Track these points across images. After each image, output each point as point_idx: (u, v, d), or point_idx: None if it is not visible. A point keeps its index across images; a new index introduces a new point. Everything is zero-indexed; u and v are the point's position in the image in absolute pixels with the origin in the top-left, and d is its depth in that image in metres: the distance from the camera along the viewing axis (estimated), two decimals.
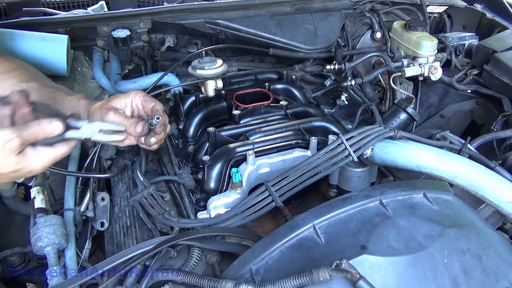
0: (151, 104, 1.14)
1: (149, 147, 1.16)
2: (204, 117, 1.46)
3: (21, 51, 1.45)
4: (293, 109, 1.47)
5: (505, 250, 0.89)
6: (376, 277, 0.74)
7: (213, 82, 1.47)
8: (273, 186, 1.08)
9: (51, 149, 0.92)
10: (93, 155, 1.36)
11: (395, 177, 1.35)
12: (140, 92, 1.16)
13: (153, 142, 1.14)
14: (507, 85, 1.63)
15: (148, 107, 1.14)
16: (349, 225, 0.87)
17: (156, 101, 1.15)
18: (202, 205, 1.21)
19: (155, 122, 1.10)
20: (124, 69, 1.69)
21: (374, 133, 1.14)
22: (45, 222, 1.12)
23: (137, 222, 1.20)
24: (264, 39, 1.74)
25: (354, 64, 1.65)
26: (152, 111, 1.13)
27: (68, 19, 1.71)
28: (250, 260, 0.85)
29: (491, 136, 1.34)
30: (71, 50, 1.63)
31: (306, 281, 0.73)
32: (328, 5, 1.86)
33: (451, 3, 2.08)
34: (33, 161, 0.90)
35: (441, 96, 1.91)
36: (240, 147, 1.25)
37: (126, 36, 1.57)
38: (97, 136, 0.99)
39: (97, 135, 0.99)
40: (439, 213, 0.91)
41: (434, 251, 0.80)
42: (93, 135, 0.98)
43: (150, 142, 1.14)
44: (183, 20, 1.70)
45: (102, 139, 1.02)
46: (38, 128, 0.89)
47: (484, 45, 1.77)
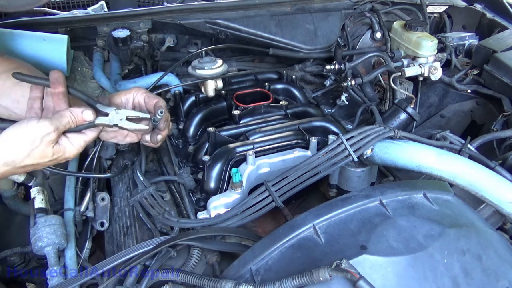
0: (154, 100, 1.13)
1: (156, 144, 1.16)
2: (204, 117, 1.46)
3: (21, 51, 1.45)
4: (293, 109, 1.47)
5: (505, 250, 0.89)
6: (376, 277, 0.74)
7: (213, 82, 1.47)
8: (273, 186, 1.08)
9: (81, 136, 0.99)
10: (93, 155, 1.36)
11: (395, 177, 1.35)
12: (143, 89, 1.16)
13: (159, 139, 1.15)
14: (507, 85, 1.63)
15: (151, 103, 1.13)
16: (349, 225, 0.87)
17: (159, 98, 1.15)
18: (202, 205, 1.21)
19: (159, 117, 1.09)
20: (124, 69, 1.69)
21: (374, 133, 1.14)
22: (45, 222, 1.12)
23: (137, 222, 1.20)
24: (264, 39, 1.74)
25: (354, 64, 1.65)
26: (155, 107, 1.12)
27: (68, 19, 1.70)
28: (250, 260, 0.85)
29: (491, 136, 1.34)
30: (71, 50, 1.63)
31: (306, 281, 0.73)
32: (328, 5, 1.86)
33: (451, 3, 2.08)
34: (68, 149, 0.96)
35: (441, 96, 1.91)
36: (240, 147, 1.25)
37: (126, 36, 1.57)
38: (124, 123, 1.03)
39: (124, 122, 1.03)
40: (439, 213, 0.91)
41: (434, 251, 0.80)
42: (120, 122, 1.02)
43: (156, 139, 1.14)
44: (183, 20, 1.70)
45: (128, 127, 1.04)
46: (72, 118, 0.96)
47: (484, 45, 1.77)
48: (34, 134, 0.90)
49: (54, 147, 0.93)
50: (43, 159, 0.93)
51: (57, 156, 0.95)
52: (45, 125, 0.91)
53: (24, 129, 0.90)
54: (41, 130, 0.90)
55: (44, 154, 0.92)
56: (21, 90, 1.05)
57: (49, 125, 0.91)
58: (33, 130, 0.90)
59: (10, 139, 0.90)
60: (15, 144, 0.90)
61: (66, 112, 0.96)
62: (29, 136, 0.90)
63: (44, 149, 0.91)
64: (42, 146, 0.91)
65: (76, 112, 0.96)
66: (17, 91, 1.05)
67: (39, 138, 0.90)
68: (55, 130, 0.92)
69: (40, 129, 0.90)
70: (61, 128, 0.94)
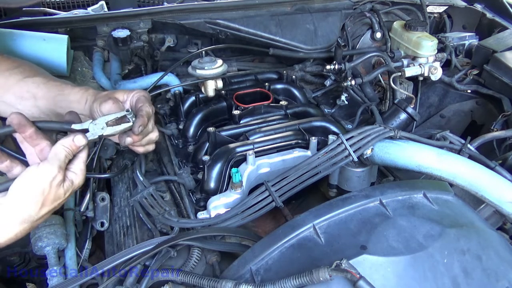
0: (139, 104, 1.05)
1: (122, 145, 1.07)
2: (204, 117, 1.45)
3: (21, 51, 1.45)
4: (293, 109, 1.47)
5: (505, 250, 0.89)
6: (376, 277, 0.74)
7: (213, 82, 1.47)
8: (273, 186, 1.08)
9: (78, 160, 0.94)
10: (93, 155, 1.36)
11: (395, 177, 1.35)
12: (142, 91, 1.11)
13: (127, 142, 1.04)
14: (507, 85, 1.63)
15: (137, 106, 1.06)
16: (349, 225, 0.87)
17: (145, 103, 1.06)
18: (202, 205, 1.21)
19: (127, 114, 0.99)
20: (124, 69, 1.69)
21: (374, 133, 1.14)
22: (45, 222, 1.12)
23: (137, 222, 1.20)
24: (264, 39, 1.74)
25: (354, 64, 1.65)
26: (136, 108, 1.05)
27: (68, 19, 1.71)
28: (250, 260, 0.85)
29: (491, 136, 1.34)
30: (71, 50, 1.63)
31: (306, 281, 0.73)
32: (328, 5, 1.86)
33: (451, 3, 2.08)
34: (75, 180, 0.92)
35: (441, 96, 1.91)
36: (240, 147, 1.25)
37: (126, 36, 1.57)
38: (107, 131, 0.97)
39: (106, 129, 0.97)
40: (439, 213, 0.91)
41: (434, 251, 0.80)
42: (102, 131, 0.97)
43: (124, 140, 1.04)
44: (183, 20, 1.70)
45: (113, 132, 0.98)
46: (68, 150, 0.91)
47: (484, 45, 1.77)
48: (41, 183, 0.86)
49: (64, 186, 0.90)
50: (57, 202, 0.89)
51: (69, 193, 0.91)
52: (49, 170, 0.86)
53: (30, 181, 0.85)
54: (47, 176, 0.86)
55: (57, 197, 0.89)
56: (26, 86, 1.04)
57: (52, 168, 0.87)
58: (39, 179, 0.86)
59: (19, 196, 0.85)
60: (26, 199, 0.85)
61: (59, 148, 0.90)
62: (37, 186, 0.85)
63: (55, 192, 0.88)
64: (53, 191, 0.87)
65: (68, 143, 0.91)
66: (22, 87, 1.04)
67: (48, 185, 0.86)
68: (60, 171, 0.88)
69: (45, 175, 0.86)
70: (63, 165, 0.89)
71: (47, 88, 1.05)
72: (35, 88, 1.05)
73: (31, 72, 1.09)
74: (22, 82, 1.04)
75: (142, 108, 1.04)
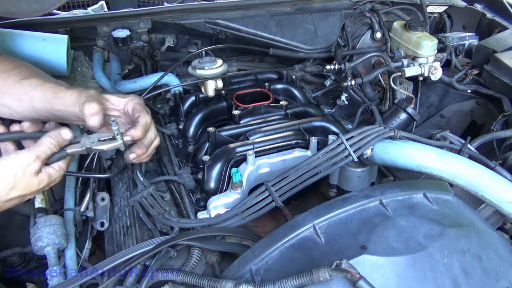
0: (136, 114, 1.07)
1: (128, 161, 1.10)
2: (204, 117, 1.45)
3: (21, 51, 1.45)
4: (293, 109, 1.47)
5: (505, 250, 0.89)
6: (376, 277, 0.74)
7: (213, 82, 1.47)
8: (273, 186, 1.08)
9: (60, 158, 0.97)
10: (93, 155, 1.36)
11: (395, 177, 1.35)
12: (137, 98, 1.11)
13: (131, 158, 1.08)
14: (507, 85, 1.63)
15: (134, 116, 1.07)
16: (349, 225, 0.87)
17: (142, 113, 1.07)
18: (202, 205, 1.21)
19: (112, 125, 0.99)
20: (124, 69, 1.69)
21: (374, 133, 1.14)
22: (45, 222, 1.12)
23: (137, 222, 1.20)
24: (264, 39, 1.74)
25: (354, 64, 1.65)
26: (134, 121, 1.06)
27: (68, 19, 1.70)
28: (250, 260, 0.85)
29: (491, 136, 1.34)
30: (71, 50, 1.63)
31: (306, 281, 0.73)
32: (328, 5, 1.86)
33: (451, 3, 2.08)
34: (53, 174, 0.95)
35: (441, 96, 1.91)
36: (240, 147, 1.25)
37: (126, 36, 1.57)
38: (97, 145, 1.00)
39: (97, 144, 1.00)
40: (439, 213, 0.91)
41: (434, 251, 0.80)
42: (92, 144, 1.00)
43: (128, 157, 1.08)
44: (183, 20, 1.70)
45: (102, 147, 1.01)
46: (53, 142, 0.94)
47: (484, 45, 1.77)
48: (15, 167, 0.89)
49: (39, 176, 0.92)
50: (29, 190, 0.92)
51: (43, 185, 0.93)
52: (25, 156, 0.90)
53: (5, 163, 0.89)
54: (22, 162, 0.89)
55: (29, 185, 0.91)
56: (23, 88, 1.04)
57: (29, 155, 0.90)
58: (14, 162, 0.89)
59: None
60: None
61: (46, 139, 0.94)
62: (10, 169, 0.88)
63: (28, 180, 0.90)
64: (25, 177, 0.89)
65: (55, 134, 0.95)
66: (18, 89, 1.04)
67: (21, 170, 0.89)
68: (36, 159, 0.90)
69: (20, 160, 0.89)
70: (42, 156, 0.92)
71: (42, 90, 1.05)
72: (31, 90, 1.05)
73: (28, 73, 1.09)
74: (19, 84, 1.04)
75: (139, 119, 1.06)
